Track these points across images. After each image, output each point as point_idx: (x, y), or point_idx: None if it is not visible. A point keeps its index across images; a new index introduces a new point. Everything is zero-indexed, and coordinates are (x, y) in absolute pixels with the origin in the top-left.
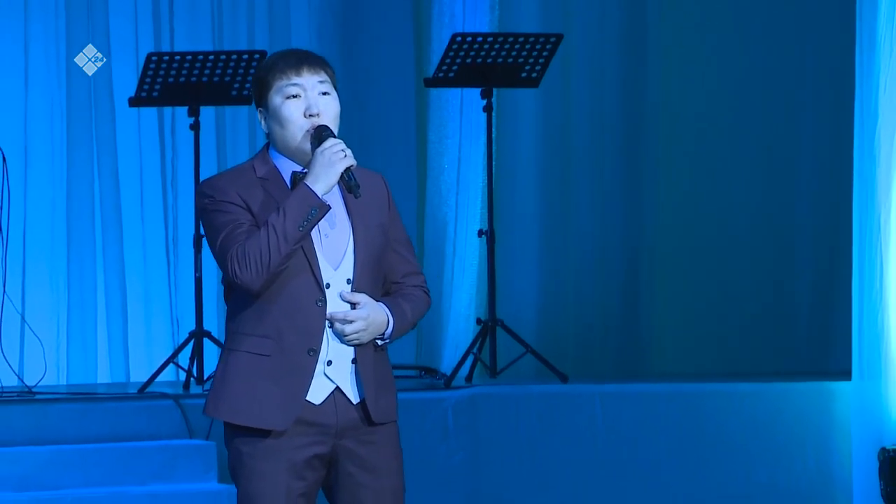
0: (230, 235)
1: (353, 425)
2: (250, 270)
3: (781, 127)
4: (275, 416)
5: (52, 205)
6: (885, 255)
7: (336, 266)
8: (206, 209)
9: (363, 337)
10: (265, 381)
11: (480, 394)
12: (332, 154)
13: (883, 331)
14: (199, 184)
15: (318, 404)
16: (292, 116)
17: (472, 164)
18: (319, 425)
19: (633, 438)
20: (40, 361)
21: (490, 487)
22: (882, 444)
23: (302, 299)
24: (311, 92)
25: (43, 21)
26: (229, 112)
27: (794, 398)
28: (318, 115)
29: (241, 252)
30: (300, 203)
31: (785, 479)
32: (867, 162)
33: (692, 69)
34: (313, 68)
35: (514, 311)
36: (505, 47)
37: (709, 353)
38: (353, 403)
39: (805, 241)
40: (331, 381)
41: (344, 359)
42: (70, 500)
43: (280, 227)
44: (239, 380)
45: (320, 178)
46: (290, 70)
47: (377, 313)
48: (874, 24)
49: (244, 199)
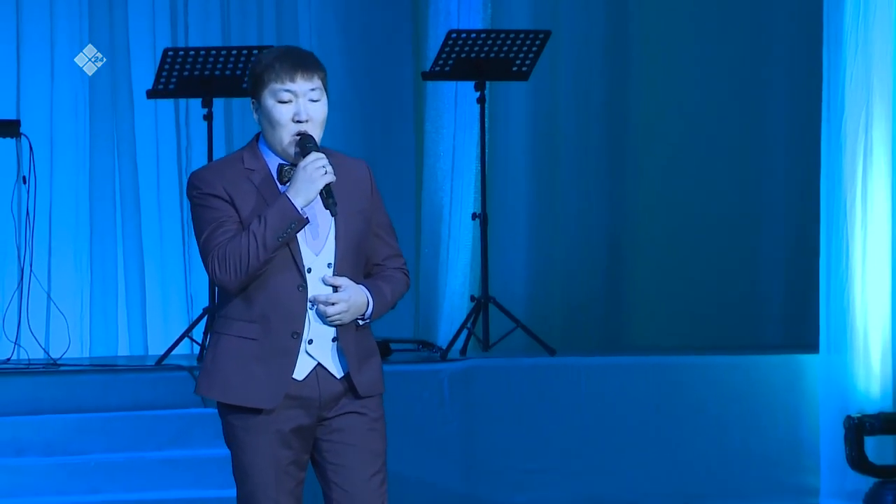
0: (212, 235)
1: (336, 397)
2: (229, 273)
3: (755, 118)
4: (263, 395)
5: (75, 191)
6: (851, 237)
7: (318, 252)
8: (193, 202)
9: (345, 318)
10: (253, 363)
11: (474, 366)
12: (314, 170)
13: (848, 308)
14: (190, 174)
15: (300, 380)
16: (282, 120)
17: (466, 152)
18: (303, 398)
19: (616, 407)
20: (65, 336)
21: (483, 452)
22: (847, 413)
23: (284, 285)
24: (302, 98)
25: (68, 20)
26: (237, 103)
27: (765, 370)
28: (306, 121)
29: (221, 254)
30: (281, 215)
31: (757, 446)
32: (834, 151)
33: (672, 63)
34: (307, 74)
35: (505, 289)
36: (497, 43)
37: (686, 328)
38: (337, 378)
39: (777, 224)
40: (312, 359)
41: (325, 338)
42: (93, 465)
43: (260, 236)
44: (229, 362)
45: (300, 192)
46: (284, 75)
47: (358, 295)
48: (840, 22)
49: (228, 192)
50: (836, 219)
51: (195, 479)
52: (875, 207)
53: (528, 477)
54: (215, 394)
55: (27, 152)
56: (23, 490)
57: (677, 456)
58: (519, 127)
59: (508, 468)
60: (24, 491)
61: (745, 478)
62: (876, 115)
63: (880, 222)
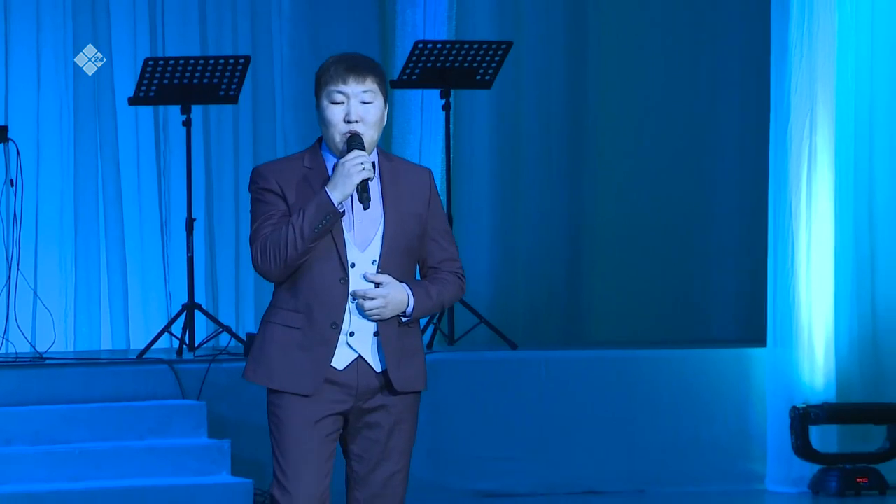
0: (260, 227)
1: (373, 390)
2: (269, 262)
3: (706, 123)
4: (303, 382)
5: (60, 193)
6: (796, 237)
7: (364, 248)
8: (252, 195)
9: (384, 313)
10: (296, 351)
11: (440, 360)
12: (352, 166)
13: (794, 304)
14: (252, 169)
15: (340, 370)
16: (333, 120)
17: (432, 156)
18: (341, 385)
19: (575, 399)
20: (50, 331)
21: (449, 441)
22: (793, 403)
23: (327, 277)
24: (354, 100)
25: (52, 29)
26: (215, 110)
27: (716, 363)
28: (356, 122)
29: (263, 245)
30: (318, 208)
31: (708, 435)
32: (780, 155)
33: (629, 71)
34: (359, 77)
35: (469, 287)
36: (461, 53)
37: (642, 324)
38: (376, 372)
39: (728, 224)
40: (353, 351)
41: (366, 331)
42: (77, 453)
43: (298, 227)
44: (273, 349)
45: (338, 186)
46: (338, 77)
47: (398, 293)
48: (786, 34)
49: (282, 187)
50: (782, 219)
51: (175, 467)
52: (819, 208)
53: (492, 465)
54: (259, 379)
55: (14, 156)
56: (11, 477)
57: (633, 444)
58: (482, 133)
59: (473, 456)
60: (13, 478)
61: (696, 465)
62: (819, 120)
63: (824, 223)
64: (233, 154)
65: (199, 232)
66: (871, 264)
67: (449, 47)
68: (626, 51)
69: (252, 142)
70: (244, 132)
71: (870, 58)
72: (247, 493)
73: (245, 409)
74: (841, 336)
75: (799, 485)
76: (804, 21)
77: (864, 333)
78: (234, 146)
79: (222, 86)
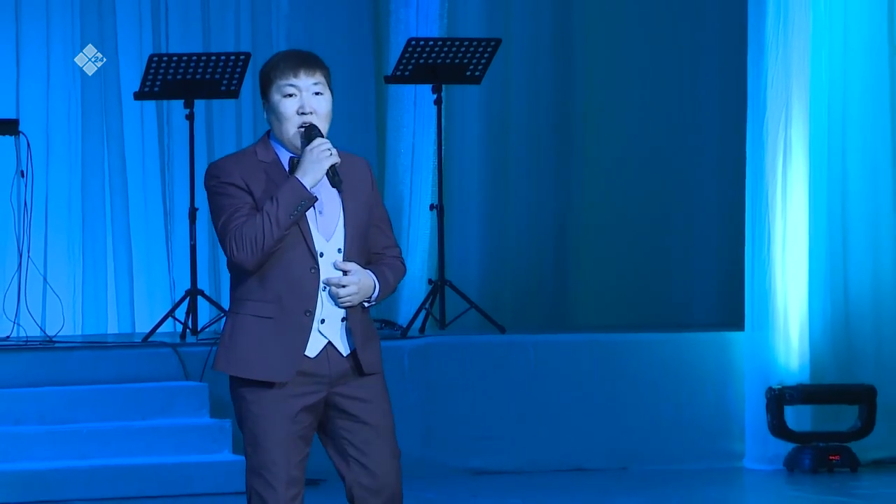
0: (230, 219)
1: (343, 374)
2: (246, 251)
3: (688, 118)
4: (278, 369)
5: (69, 184)
6: (772, 225)
7: (329, 237)
8: (212, 190)
9: (355, 300)
10: (269, 340)
11: (432, 343)
12: (320, 152)
13: (770, 290)
14: (208, 165)
15: (312, 357)
16: (287, 113)
17: (424, 149)
18: (314, 375)
19: (561, 380)
20: (59, 315)
21: (440, 421)
22: (769, 384)
23: (298, 268)
24: (306, 92)
25: (61, 27)
26: (217, 105)
27: (697, 346)
28: (310, 113)
29: (238, 235)
30: (291, 195)
31: (689, 415)
32: (757, 148)
33: (614, 66)
34: (309, 70)
35: (460, 273)
36: (453, 50)
37: (626, 308)
38: (343, 356)
39: (709, 214)
40: (324, 337)
41: (335, 318)
42: (84, 433)
43: (273, 215)
44: (245, 339)
45: (308, 172)
46: (288, 71)
47: (366, 279)
48: (762, 31)
49: (246, 181)
50: (759, 209)
51: (178, 445)
52: (794, 198)
53: (481, 443)
54: (233, 369)
55: (25, 149)
56: (21, 455)
57: (617, 424)
58: (473, 126)
59: (463, 435)
60: (22, 456)
61: (677, 443)
62: (794, 115)
63: (798, 212)
64: (234, 146)
65: (202, 221)
66: (844, 252)
67: (440, 44)
68: (611, 48)
69: (252, 135)
70: (245, 125)
71: (843, 54)
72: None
73: None
74: (815, 320)
75: (775, 462)
76: (780, 19)
77: (837, 318)
78: (235, 139)
79: (224, 81)
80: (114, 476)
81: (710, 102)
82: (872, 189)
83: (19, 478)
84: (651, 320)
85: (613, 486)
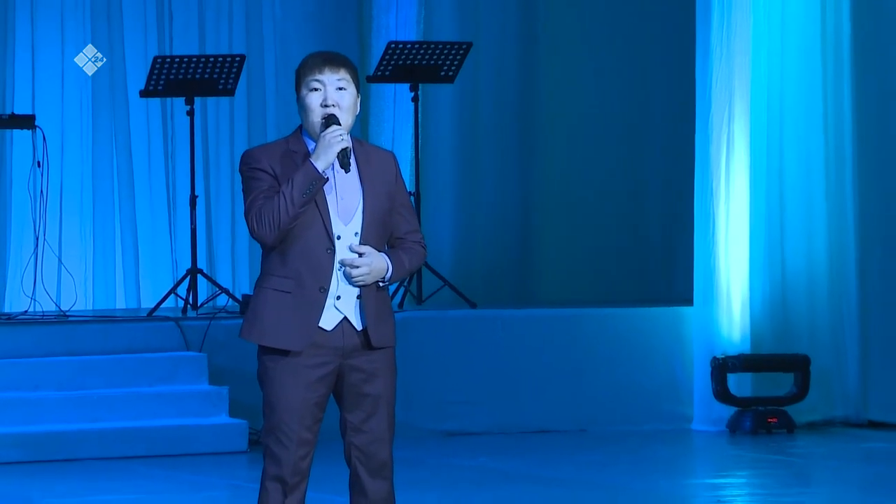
0: (255, 199)
1: (356, 348)
2: (264, 227)
3: (642, 111)
4: (294, 339)
5: (81, 173)
6: (716, 211)
7: (347, 222)
8: (244, 174)
9: (367, 280)
10: (287, 312)
11: (409, 317)
12: (332, 138)
13: (715, 269)
14: (243, 153)
15: (329, 330)
16: (312, 105)
17: (403, 142)
18: (330, 347)
19: (527, 351)
20: (72, 292)
21: (418, 388)
22: (714, 354)
23: (316, 247)
24: (330, 87)
25: (74, 30)
26: (213, 102)
27: (650, 319)
28: (333, 105)
29: (258, 213)
30: (304, 176)
31: (642, 383)
32: (703, 141)
33: (573, 66)
34: (334, 67)
35: (434, 254)
36: (428, 52)
37: (586, 285)
38: (357, 330)
39: (660, 200)
40: (339, 312)
41: (350, 295)
42: (96, 398)
43: (288, 194)
44: (267, 310)
45: (321, 156)
46: (315, 68)
47: (379, 261)
48: (708, 34)
49: (273, 167)
50: (705, 196)
51: (180, 409)
52: (736, 187)
53: (455, 408)
54: (254, 337)
55: (41, 142)
56: (39, 419)
57: (577, 390)
58: (446, 121)
59: (438, 401)
60: (40, 419)
61: (632, 407)
62: (737, 111)
63: (740, 199)
64: (229, 140)
65: (201, 207)
66: (781, 236)
67: (417, 47)
68: (572, 51)
69: (246, 129)
70: (239, 121)
71: (780, 56)
72: (242, 432)
73: (241, 359)
74: (755, 297)
75: (718, 424)
76: (723, 25)
77: (775, 294)
78: (230, 133)
79: (221, 80)
80: (122, 437)
81: (662, 99)
82: (807, 178)
83: (38, 439)
84: (609, 296)
85: (574, 445)
